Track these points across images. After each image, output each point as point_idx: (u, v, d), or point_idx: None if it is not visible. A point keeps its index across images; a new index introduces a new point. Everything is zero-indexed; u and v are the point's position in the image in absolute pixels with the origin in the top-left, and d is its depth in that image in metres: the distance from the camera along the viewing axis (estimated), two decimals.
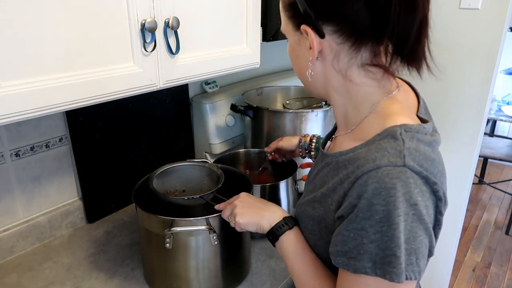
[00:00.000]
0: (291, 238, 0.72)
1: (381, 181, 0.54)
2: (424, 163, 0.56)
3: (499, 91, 3.56)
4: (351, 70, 0.62)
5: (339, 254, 0.59)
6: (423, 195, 0.55)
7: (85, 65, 0.75)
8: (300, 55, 0.66)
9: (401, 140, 0.57)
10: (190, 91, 1.51)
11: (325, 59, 0.63)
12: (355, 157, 0.60)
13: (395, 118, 0.60)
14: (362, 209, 0.55)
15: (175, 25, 0.87)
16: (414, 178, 0.54)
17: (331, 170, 0.65)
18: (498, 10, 1.59)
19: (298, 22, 0.63)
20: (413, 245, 0.55)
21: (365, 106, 0.64)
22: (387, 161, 0.55)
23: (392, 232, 0.54)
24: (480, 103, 1.73)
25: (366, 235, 0.55)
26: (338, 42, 0.60)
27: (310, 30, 0.60)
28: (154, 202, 0.94)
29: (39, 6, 0.66)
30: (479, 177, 3.62)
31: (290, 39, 0.68)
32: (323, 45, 0.61)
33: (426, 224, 0.56)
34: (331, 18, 0.59)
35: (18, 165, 1.09)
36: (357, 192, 0.56)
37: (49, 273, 1.04)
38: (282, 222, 0.74)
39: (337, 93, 0.66)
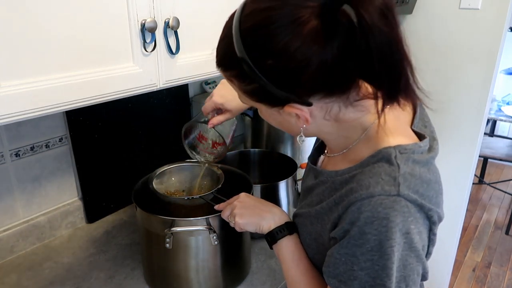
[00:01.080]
0: (289, 244, 0.72)
1: (374, 211, 0.53)
2: (420, 188, 0.55)
3: (499, 91, 3.56)
4: (342, 113, 0.59)
5: (330, 275, 0.59)
6: (417, 222, 0.55)
7: (85, 65, 0.75)
8: (284, 122, 0.62)
9: (396, 165, 0.55)
10: (190, 91, 1.51)
11: (316, 118, 0.59)
12: (349, 179, 0.59)
13: (388, 139, 0.59)
14: (354, 236, 0.55)
15: (175, 25, 0.87)
16: (408, 207, 0.54)
17: (327, 189, 0.65)
18: (498, 10, 1.59)
19: (274, 103, 0.57)
20: (403, 272, 0.55)
21: (357, 133, 0.62)
22: (381, 189, 0.54)
23: (383, 262, 0.53)
24: (480, 103, 1.73)
25: (357, 262, 0.55)
26: (327, 101, 0.57)
27: (297, 106, 0.55)
28: (154, 202, 0.94)
29: (39, 6, 0.66)
30: (479, 177, 3.62)
31: (263, 112, 0.62)
32: (311, 109, 0.57)
33: (417, 251, 0.56)
34: (317, 91, 0.54)
35: (18, 165, 1.09)
36: (350, 218, 0.55)
37: (49, 273, 1.04)
38: (283, 227, 0.74)
39: (329, 134, 0.65)
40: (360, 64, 0.51)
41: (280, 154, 1.34)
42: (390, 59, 0.50)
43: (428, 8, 1.70)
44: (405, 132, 0.63)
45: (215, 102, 0.89)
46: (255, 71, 0.52)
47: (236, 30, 0.53)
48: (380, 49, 0.49)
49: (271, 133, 1.44)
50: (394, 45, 0.50)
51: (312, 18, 0.49)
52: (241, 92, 0.60)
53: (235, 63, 0.54)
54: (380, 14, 0.48)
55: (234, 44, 0.53)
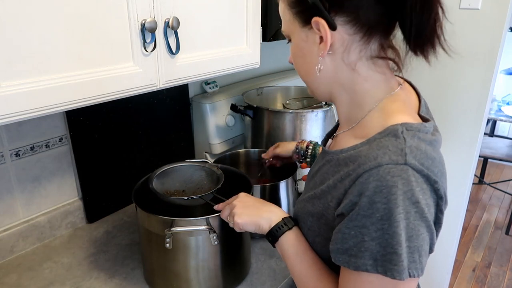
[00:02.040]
0: (291, 239, 0.72)
1: (383, 179, 0.54)
2: (425, 162, 0.56)
3: (499, 91, 3.56)
4: (361, 63, 0.62)
5: (339, 252, 0.59)
6: (424, 193, 0.55)
7: (85, 65, 0.75)
8: (307, 52, 0.65)
9: (403, 138, 0.57)
10: (190, 91, 1.51)
11: (335, 53, 0.62)
12: (356, 154, 0.60)
13: (396, 116, 0.60)
14: (363, 207, 0.55)
15: (175, 25, 0.87)
16: (415, 176, 0.55)
17: (331, 167, 0.65)
18: (498, 10, 1.59)
19: (307, 16, 0.61)
20: (416, 242, 0.55)
21: (368, 103, 0.64)
22: (389, 159, 0.55)
23: (393, 229, 0.54)
24: (480, 103, 1.73)
25: (367, 233, 0.55)
26: (350, 33, 0.60)
27: (323, 22, 0.59)
28: (154, 202, 0.94)
29: (39, 6, 0.66)
30: (479, 177, 3.62)
31: (295, 38, 0.66)
32: (334, 37, 0.60)
33: (428, 221, 0.56)
34: (344, 9, 0.58)
35: (18, 165, 1.09)
36: (358, 190, 0.56)
37: (49, 273, 1.04)
38: (282, 223, 0.73)
39: (342, 89, 0.66)
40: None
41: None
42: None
43: None
44: (413, 114, 0.64)
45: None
46: None
47: None
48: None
49: (271, 133, 1.44)
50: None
51: None
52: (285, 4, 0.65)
53: None
54: None
55: None
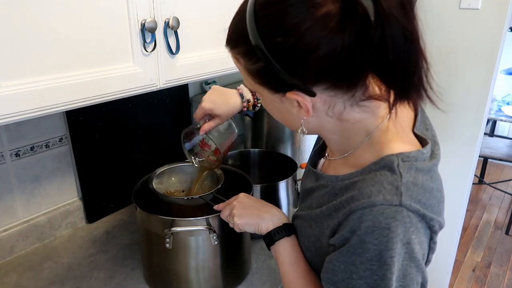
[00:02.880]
0: (287, 246, 0.72)
1: (375, 220, 0.53)
2: (422, 198, 0.55)
3: (499, 91, 3.56)
4: (346, 112, 0.58)
5: (329, 282, 0.59)
6: (418, 232, 0.54)
7: (85, 65, 0.75)
8: (285, 112, 0.60)
9: (399, 173, 0.55)
10: (190, 91, 1.51)
11: (318, 111, 0.57)
12: (350, 186, 0.59)
13: (391, 145, 0.59)
14: (353, 245, 0.54)
15: (175, 25, 0.87)
16: (410, 217, 0.53)
17: (327, 194, 0.64)
18: (498, 10, 1.59)
19: (277, 87, 0.56)
20: (402, 282, 0.55)
21: (360, 136, 0.61)
22: (383, 198, 0.53)
23: (383, 272, 0.53)
24: (480, 103, 1.73)
25: (356, 271, 0.55)
26: (331, 95, 0.55)
27: (300, 94, 0.54)
28: (154, 202, 0.94)
29: (39, 6, 0.66)
30: (479, 177, 3.62)
31: (265, 99, 0.61)
32: (314, 101, 0.55)
33: (417, 261, 0.55)
34: (321, 80, 0.53)
35: (18, 165, 1.09)
36: (350, 226, 0.55)
37: (49, 273, 1.04)
38: (281, 228, 0.73)
39: (331, 133, 0.63)
40: (372, 56, 0.49)
41: (280, 154, 1.34)
42: (405, 52, 0.48)
43: (428, 8, 1.69)
44: (408, 137, 0.62)
45: (204, 107, 0.90)
46: (263, 49, 0.51)
47: (251, 4, 0.52)
48: (395, 41, 0.47)
49: (271, 133, 1.44)
50: (410, 38, 0.48)
51: (329, 2, 0.48)
52: (246, 73, 0.58)
53: (244, 40, 0.53)
54: (400, 4, 0.47)
55: (246, 19, 0.53)
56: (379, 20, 0.46)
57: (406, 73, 0.50)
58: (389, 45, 0.47)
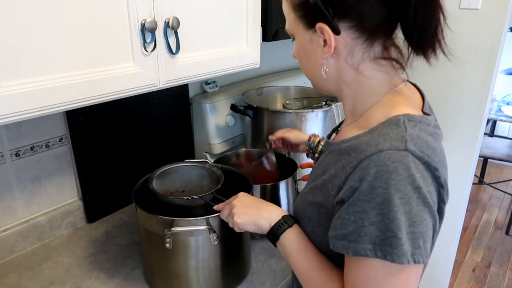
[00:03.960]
0: (291, 236, 0.72)
1: (383, 164, 0.54)
2: (426, 150, 0.57)
3: (499, 91, 3.56)
4: (364, 64, 0.64)
5: (338, 238, 0.59)
6: (425, 180, 0.56)
7: (85, 65, 0.75)
8: (311, 53, 0.66)
9: (404, 127, 0.58)
10: (190, 91, 1.51)
11: (339, 55, 0.64)
12: (357, 143, 0.60)
13: (399, 108, 0.62)
14: (363, 192, 0.56)
15: (175, 25, 0.87)
16: (415, 162, 0.55)
17: (333, 157, 0.66)
18: (498, 10, 1.59)
19: (311, 20, 0.63)
20: (419, 228, 0.55)
21: (372, 97, 0.65)
22: (389, 145, 0.56)
23: (393, 214, 0.54)
24: (480, 103, 1.73)
25: (367, 218, 0.55)
26: (353, 37, 0.61)
27: (327, 28, 0.61)
28: (154, 202, 0.94)
29: (39, 6, 0.66)
30: (479, 177, 3.62)
31: (299, 38, 0.68)
32: (338, 41, 0.62)
33: (431, 207, 0.56)
34: (348, 15, 0.60)
35: (18, 165, 1.09)
36: (359, 175, 0.56)
37: (49, 273, 1.04)
38: (282, 221, 0.73)
39: (347, 87, 0.68)
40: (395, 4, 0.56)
41: (280, 154, 1.34)
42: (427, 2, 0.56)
43: None
44: (416, 109, 0.65)
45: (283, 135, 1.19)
46: None
47: None
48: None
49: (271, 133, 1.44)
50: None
51: None
52: (290, 7, 0.66)
53: None
54: None
55: None
56: None
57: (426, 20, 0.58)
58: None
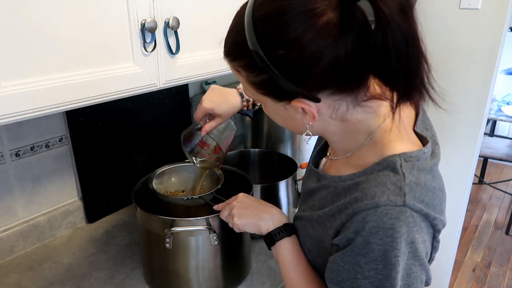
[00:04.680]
0: (288, 246, 0.72)
1: (380, 221, 0.53)
2: (425, 197, 0.55)
3: (499, 91, 3.56)
4: (349, 113, 0.58)
5: (333, 282, 0.59)
6: (421, 231, 0.55)
7: (85, 65, 0.75)
8: (288, 118, 0.61)
9: (401, 174, 0.55)
10: (190, 91, 1.51)
11: (322, 115, 0.58)
12: (353, 186, 0.59)
13: (393, 146, 0.59)
14: (358, 245, 0.55)
15: (175, 25, 0.87)
16: (414, 217, 0.54)
17: (329, 195, 0.64)
18: (498, 10, 1.59)
19: (281, 97, 0.56)
20: (407, 281, 0.55)
21: (362, 136, 0.62)
22: (387, 199, 0.53)
23: (387, 272, 0.53)
24: (480, 103, 1.73)
25: (360, 271, 0.55)
26: (336, 98, 0.55)
27: (304, 102, 0.54)
28: (154, 202, 0.94)
29: (39, 6, 0.66)
30: (479, 177, 3.62)
31: (268, 107, 0.61)
32: (319, 106, 0.56)
33: (421, 259, 0.56)
34: (326, 87, 0.53)
35: (18, 165, 1.09)
36: (354, 227, 0.55)
37: (49, 273, 1.04)
38: (282, 228, 0.73)
39: (333, 134, 0.64)
40: (374, 60, 0.50)
41: (280, 154, 1.34)
42: (407, 56, 0.49)
43: (428, 8, 1.70)
44: (409, 136, 0.62)
45: (204, 107, 0.90)
46: (266, 61, 0.51)
47: (248, 18, 0.52)
48: (397, 45, 0.48)
49: (271, 133, 1.44)
50: (411, 42, 0.49)
51: (328, 10, 0.48)
52: (248, 84, 0.58)
53: (244, 53, 0.53)
54: (400, 9, 0.47)
55: (245, 33, 0.52)
56: (380, 25, 0.47)
57: (408, 75, 0.51)
58: (391, 49, 0.48)
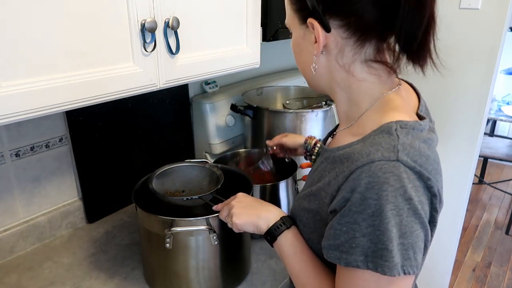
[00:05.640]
0: (289, 238, 0.72)
1: (374, 175, 0.54)
2: (418, 159, 0.56)
3: (499, 91, 3.56)
4: (355, 65, 0.63)
5: (331, 248, 0.59)
6: (417, 190, 0.55)
7: (85, 65, 0.75)
8: (304, 49, 0.67)
9: (396, 135, 0.57)
10: (190, 91, 1.51)
11: (329, 53, 0.64)
12: (350, 152, 0.60)
13: (392, 114, 0.61)
14: (354, 203, 0.55)
15: (175, 25, 0.87)
16: (407, 173, 0.55)
17: (328, 165, 0.65)
18: (498, 10, 1.59)
19: (304, 15, 0.63)
20: (410, 239, 0.55)
21: (365, 101, 0.65)
22: (381, 155, 0.55)
23: (384, 226, 0.54)
24: (480, 103, 1.73)
25: (358, 229, 0.55)
26: (344, 36, 0.61)
27: (317, 24, 0.61)
28: (154, 202, 0.94)
29: (39, 6, 0.66)
30: (479, 177, 3.62)
31: (294, 33, 0.68)
32: (328, 39, 0.62)
33: (422, 218, 0.56)
34: (339, 13, 0.60)
35: (18, 165, 1.09)
36: (350, 186, 0.56)
37: (49, 273, 1.04)
38: (280, 222, 0.73)
39: (339, 88, 0.67)
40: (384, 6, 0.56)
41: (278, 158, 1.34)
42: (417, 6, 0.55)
43: None
44: (410, 113, 0.64)
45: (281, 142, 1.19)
46: None
47: None
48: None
49: (271, 133, 1.44)
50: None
51: None
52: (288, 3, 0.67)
53: None
54: None
55: None
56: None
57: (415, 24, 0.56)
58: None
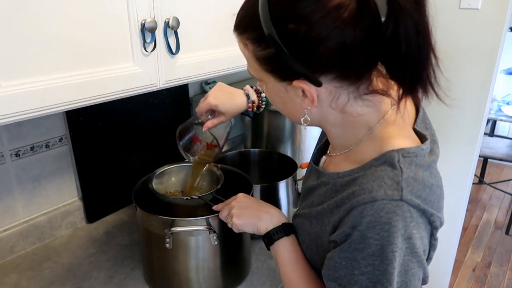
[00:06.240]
0: (286, 246, 0.72)
1: (377, 215, 0.53)
2: (422, 193, 0.55)
3: (499, 91, 3.56)
4: (349, 104, 0.58)
5: (330, 279, 0.59)
6: (419, 227, 0.54)
7: (85, 65, 0.75)
8: (288, 101, 0.60)
9: (399, 168, 0.55)
10: (190, 91, 1.51)
11: (322, 102, 0.58)
12: (351, 182, 0.59)
13: (392, 141, 0.59)
14: (355, 240, 0.54)
15: (175, 25, 0.87)
16: (411, 212, 0.53)
17: (328, 191, 0.64)
18: (498, 10, 1.59)
19: (284, 75, 0.56)
20: (404, 278, 0.55)
21: (361, 131, 0.62)
22: (384, 193, 0.53)
23: (384, 267, 0.53)
24: (480, 103, 1.73)
25: (357, 266, 0.55)
26: (337, 86, 0.56)
27: (306, 83, 0.54)
28: (154, 202, 0.94)
29: (39, 6, 0.66)
30: (479, 177, 3.62)
31: (270, 86, 0.61)
32: (319, 91, 0.56)
33: (419, 256, 0.55)
34: (329, 69, 0.53)
35: (18, 165, 1.09)
36: (352, 222, 0.55)
37: (49, 273, 1.04)
38: (280, 228, 0.73)
39: (332, 126, 0.63)
40: (383, 50, 0.50)
41: (280, 154, 1.34)
42: (417, 47, 0.49)
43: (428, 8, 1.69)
44: (408, 133, 0.62)
45: (210, 103, 0.89)
46: (274, 34, 0.51)
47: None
48: (408, 35, 0.48)
49: (271, 133, 1.44)
50: (422, 32, 0.49)
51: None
52: (254, 60, 0.58)
53: (254, 26, 0.54)
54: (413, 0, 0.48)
55: (257, 5, 0.53)
56: (393, 14, 0.47)
57: (416, 67, 0.52)
58: (401, 39, 0.48)
